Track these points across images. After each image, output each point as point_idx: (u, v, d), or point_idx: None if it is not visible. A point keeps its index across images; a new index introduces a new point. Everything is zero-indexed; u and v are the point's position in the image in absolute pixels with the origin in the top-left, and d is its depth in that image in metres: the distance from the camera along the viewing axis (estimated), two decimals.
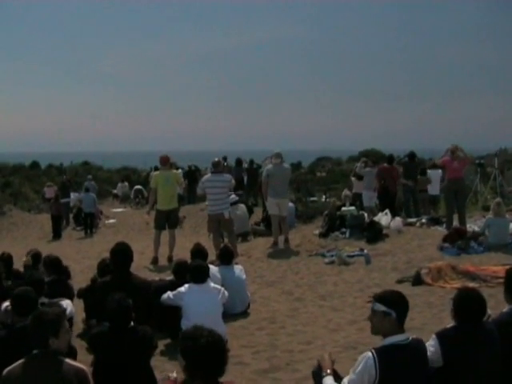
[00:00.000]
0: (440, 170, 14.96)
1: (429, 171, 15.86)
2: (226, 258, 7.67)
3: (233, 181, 11.72)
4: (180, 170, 16.32)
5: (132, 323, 4.61)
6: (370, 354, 3.49)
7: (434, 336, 3.88)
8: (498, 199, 10.93)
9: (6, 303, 4.99)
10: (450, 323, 3.97)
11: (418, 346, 3.66)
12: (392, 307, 3.60)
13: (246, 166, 20.63)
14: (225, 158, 20.28)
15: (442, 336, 3.85)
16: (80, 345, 5.57)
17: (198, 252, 7.17)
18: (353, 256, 10.21)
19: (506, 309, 4.26)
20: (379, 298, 3.69)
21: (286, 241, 11.86)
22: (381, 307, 3.62)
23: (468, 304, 3.86)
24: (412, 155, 14.93)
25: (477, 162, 16.86)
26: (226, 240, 11.62)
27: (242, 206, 13.81)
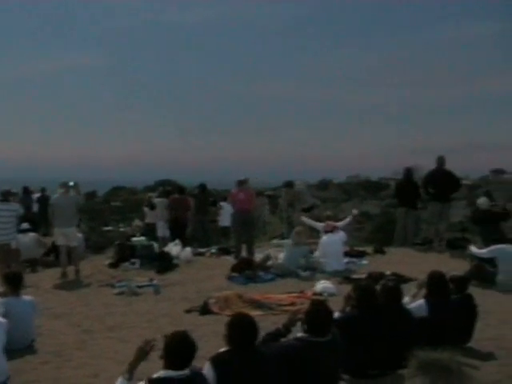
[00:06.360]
0: None
1: (222, 203, 16.53)
2: (14, 284, 7.04)
3: (21, 209, 11.39)
4: None
5: None
6: None
7: (207, 362, 4.06)
8: None
9: None
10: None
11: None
12: None
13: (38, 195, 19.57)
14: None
15: (216, 361, 4.04)
16: None
17: None
18: (142, 286, 10.31)
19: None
20: None
21: (77, 272, 11.66)
22: None
23: (240, 330, 4.11)
24: (203, 187, 15.51)
25: (266, 193, 17.83)
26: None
27: (33, 234, 13.35)
